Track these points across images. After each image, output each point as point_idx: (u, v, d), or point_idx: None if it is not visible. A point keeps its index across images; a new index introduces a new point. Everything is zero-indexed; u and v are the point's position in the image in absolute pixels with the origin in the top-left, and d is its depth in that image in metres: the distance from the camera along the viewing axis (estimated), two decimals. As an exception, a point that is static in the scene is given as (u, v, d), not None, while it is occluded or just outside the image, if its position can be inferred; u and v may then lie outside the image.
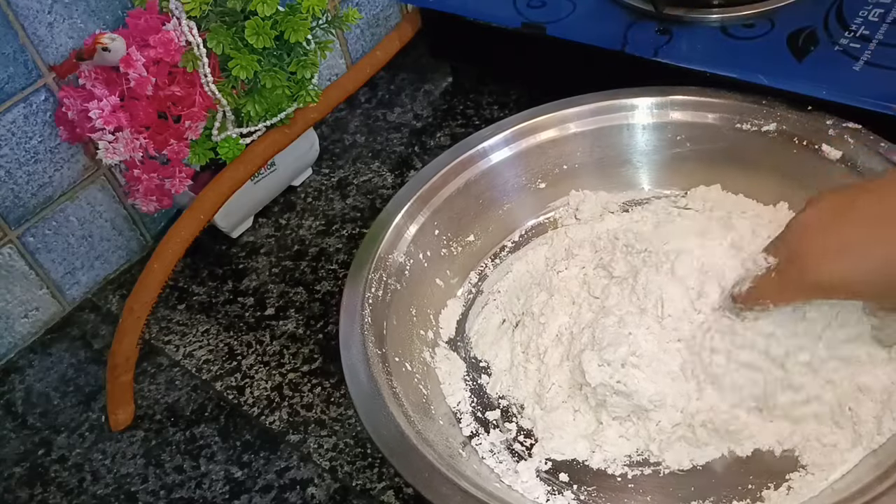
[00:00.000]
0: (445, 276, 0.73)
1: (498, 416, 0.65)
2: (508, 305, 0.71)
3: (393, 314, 0.66)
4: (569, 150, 0.76)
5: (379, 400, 0.59)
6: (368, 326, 0.64)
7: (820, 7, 0.77)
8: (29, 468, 0.70)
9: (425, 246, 0.71)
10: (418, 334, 0.68)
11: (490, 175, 0.75)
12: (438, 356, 0.68)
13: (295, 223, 0.85)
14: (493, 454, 0.62)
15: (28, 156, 0.74)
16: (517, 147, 0.75)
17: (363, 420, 0.58)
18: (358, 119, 0.95)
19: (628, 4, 0.83)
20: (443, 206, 0.73)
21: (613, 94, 0.75)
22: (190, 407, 0.72)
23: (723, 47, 0.77)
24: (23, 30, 0.70)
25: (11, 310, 0.77)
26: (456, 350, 0.70)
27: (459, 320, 0.72)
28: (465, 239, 0.74)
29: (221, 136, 0.75)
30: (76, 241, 0.80)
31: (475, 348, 0.69)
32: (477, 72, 0.95)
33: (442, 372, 0.67)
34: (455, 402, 0.66)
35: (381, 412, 0.58)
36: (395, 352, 0.64)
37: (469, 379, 0.68)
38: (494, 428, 0.64)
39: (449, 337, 0.70)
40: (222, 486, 0.66)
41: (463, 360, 0.69)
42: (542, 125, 0.75)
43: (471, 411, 0.65)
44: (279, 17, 0.71)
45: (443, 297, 0.72)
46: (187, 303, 0.80)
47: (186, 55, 0.70)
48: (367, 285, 0.66)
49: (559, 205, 0.77)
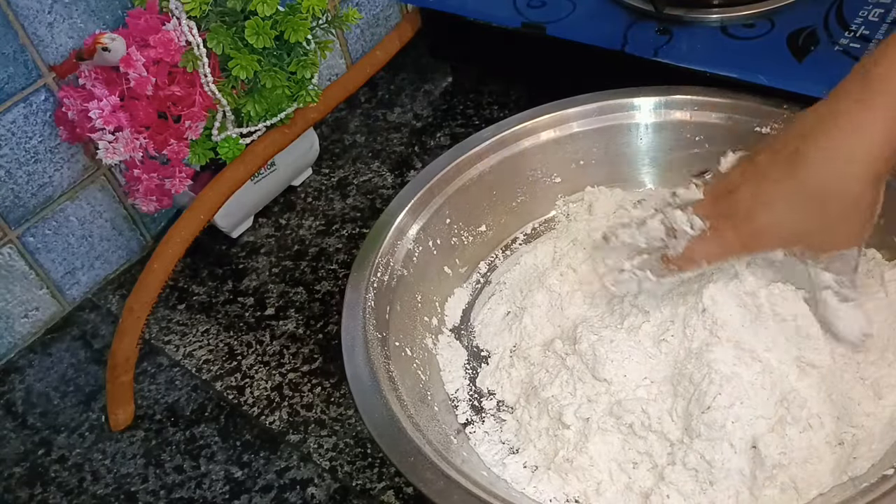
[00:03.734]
0: (454, 265, 0.73)
1: (493, 406, 0.65)
2: (512, 297, 0.71)
3: (398, 300, 0.67)
4: (584, 147, 0.76)
5: (374, 383, 0.60)
6: (371, 310, 0.64)
7: (820, 7, 0.77)
8: (29, 468, 0.70)
9: (435, 234, 0.72)
10: (422, 321, 0.69)
11: (505, 167, 0.75)
12: (441, 343, 0.69)
13: (295, 223, 0.85)
14: (486, 443, 0.63)
15: (28, 156, 0.74)
16: (534, 140, 0.75)
17: (356, 402, 0.59)
18: (358, 119, 0.95)
19: (628, 4, 0.83)
20: (455, 195, 0.73)
21: (629, 91, 0.75)
22: (190, 407, 0.72)
23: (723, 47, 0.77)
24: (23, 30, 0.70)
25: (11, 310, 0.77)
26: (459, 338, 0.70)
27: (465, 309, 0.72)
28: (478, 229, 0.75)
29: (221, 136, 0.75)
30: (76, 241, 0.80)
31: (478, 338, 0.70)
32: (477, 72, 0.95)
33: (443, 359, 0.68)
34: (453, 388, 0.66)
35: (374, 395, 0.59)
36: (396, 336, 0.65)
37: (469, 367, 0.68)
38: (489, 417, 0.65)
39: (454, 325, 0.71)
40: (222, 486, 0.66)
41: (465, 348, 0.70)
42: (558, 120, 0.75)
43: (468, 399, 0.66)
44: (279, 17, 0.71)
45: (450, 286, 0.73)
46: (187, 303, 0.80)
47: (186, 55, 0.70)
48: (374, 269, 0.66)
49: (573, 199, 0.77)
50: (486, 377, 0.67)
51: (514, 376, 0.66)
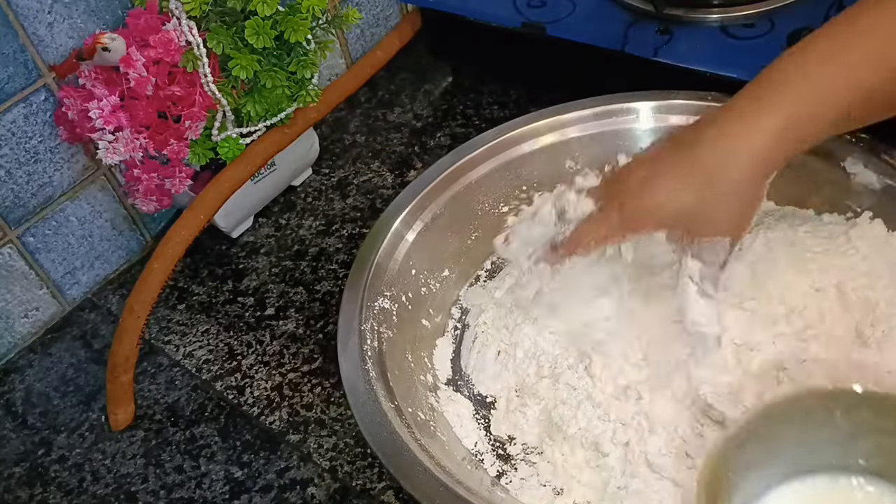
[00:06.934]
0: (429, 315, 0.70)
1: (519, 451, 0.62)
2: (498, 336, 0.68)
3: (395, 365, 0.63)
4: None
5: (409, 455, 0.56)
6: (375, 380, 0.60)
7: (820, 7, 0.77)
8: (29, 468, 0.70)
9: (405, 287, 0.68)
10: (419, 380, 0.65)
11: (454, 205, 0.72)
12: (443, 399, 0.65)
13: (295, 223, 0.85)
14: (528, 489, 0.59)
15: (28, 156, 0.74)
16: (479, 172, 0.73)
17: (394, 473, 0.55)
18: (358, 119, 0.95)
19: (628, 4, 0.83)
20: (415, 243, 0.69)
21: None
22: (190, 407, 0.72)
23: (723, 47, 0.77)
24: (23, 30, 0.70)
25: (11, 310, 0.77)
26: (458, 390, 0.67)
27: (453, 358, 0.69)
28: (442, 274, 0.71)
29: (221, 136, 0.75)
30: (76, 240, 0.80)
31: (478, 385, 0.66)
32: (477, 72, 0.95)
33: (451, 415, 0.64)
34: (471, 443, 0.63)
35: (415, 467, 0.55)
36: (405, 403, 0.61)
37: (479, 417, 0.65)
38: (520, 462, 0.61)
39: (447, 377, 0.68)
40: (222, 486, 0.66)
41: (468, 398, 0.66)
42: (504, 146, 0.73)
43: (490, 450, 0.63)
44: (279, 17, 0.71)
45: (431, 338, 0.69)
46: (187, 303, 0.80)
47: (186, 55, 0.70)
48: (362, 337, 0.62)
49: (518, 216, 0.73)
50: (499, 423, 0.64)
51: (529, 416, 0.63)
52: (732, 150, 0.55)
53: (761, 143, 0.54)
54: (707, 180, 0.55)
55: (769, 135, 0.54)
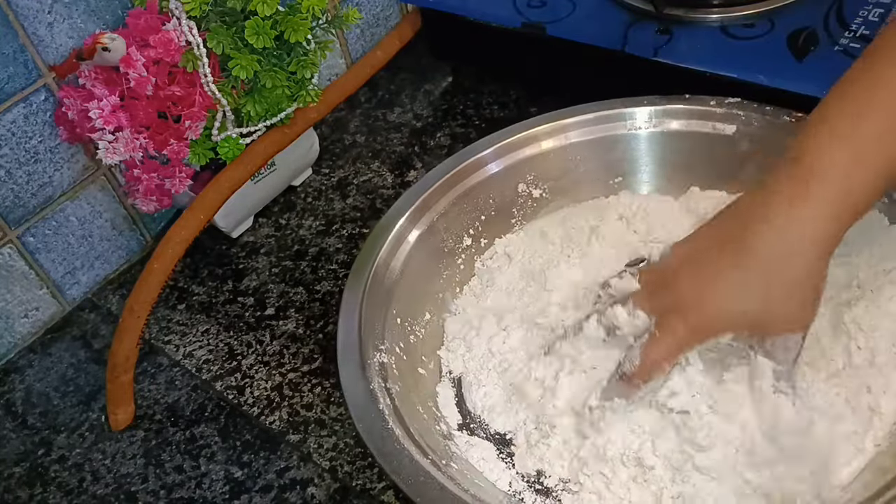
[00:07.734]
0: (423, 363, 0.67)
1: (556, 483, 0.59)
2: (502, 375, 0.65)
3: (414, 421, 0.60)
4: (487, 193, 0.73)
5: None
6: (404, 437, 0.57)
7: (820, 7, 0.78)
8: (29, 468, 0.70)
9: (396, 337, 0.65)
10: (436, 430, 0.62)
11: (418, 246, 0.70)
12: (461, 445, 0.62)
13: (295, 223, 0.85)
14: None
15: (28, 156, 0.74)
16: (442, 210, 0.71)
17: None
18: (358, 119, 0.95)
19: (628, 4, 0.83)
20: (397, 289, 0.67)
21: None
22: (190, 407, 0.72)
23: (723, 47, 0.77)
24: (23, 30, 0.70)
25: (11, 310, 0.77)
26: (474, 433, 0.63)
27: (458, 402, 0.66)
28: (423, 319, 0.69)
29: (221, 136, 0.75)
30: (76, 240, 0.80)
31: (493, 424, 0.63)
32: (477, 72, 0.95)
33: (475, 459, 0.61)
34: (505, 483, 0.60)
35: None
36: (435, 455, 0.58)
37: (505, 457, 0.62)
38: (561, 493, 0.59)
39: (458, 423, 0.64)
40: (222, 486, 0.66)
41: (487, 439, 0.63)
42: (460, 173, 0.72)
43: (526, 487, 0.60)
44: (279, 17, 0.71)
45: (431, 385, 0.66)
46: (187, 303, 0.80)
47: (186, 55, 0.70)
48: (374, 396, 0.59)
49: (488, 256, 0.73)
50: (524, 459, 0.61)
51: (554, 447, 0.60)
52: (788, 243, 0.52)
53: (820, 229, 0.52)
54: (769, 279, 0.53)
55: (824, 219, 0.52)
